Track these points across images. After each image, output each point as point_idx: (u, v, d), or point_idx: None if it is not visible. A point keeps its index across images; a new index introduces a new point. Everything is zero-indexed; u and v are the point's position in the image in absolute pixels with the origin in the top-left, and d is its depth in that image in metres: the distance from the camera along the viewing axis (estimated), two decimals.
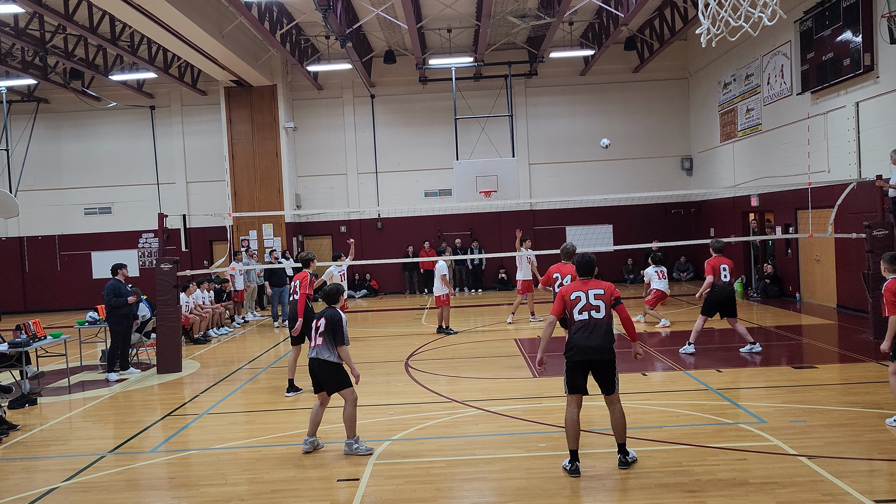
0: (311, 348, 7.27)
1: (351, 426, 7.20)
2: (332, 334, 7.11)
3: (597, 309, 6.44)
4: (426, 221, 23.97)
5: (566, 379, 6.52)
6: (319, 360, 7.18)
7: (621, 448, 6.50)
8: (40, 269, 24.70)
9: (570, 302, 6.52)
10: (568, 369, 6.50)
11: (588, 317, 6.44)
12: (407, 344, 13.74)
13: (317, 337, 7.18)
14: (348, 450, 7.19)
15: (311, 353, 7.24)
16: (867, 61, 13.86)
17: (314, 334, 7.22)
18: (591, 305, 6.44)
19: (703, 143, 23.28)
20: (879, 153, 13.78)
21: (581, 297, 6.49)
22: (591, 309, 6.44)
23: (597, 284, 6.58)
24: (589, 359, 6.43)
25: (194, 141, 24.73)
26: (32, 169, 24.08)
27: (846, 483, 5.83)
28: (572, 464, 6.38)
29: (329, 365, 7.16)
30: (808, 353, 11.68)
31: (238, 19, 18.13)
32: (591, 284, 6.58)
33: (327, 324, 7.13)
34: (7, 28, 17.10)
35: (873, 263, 12.05)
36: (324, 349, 7.14)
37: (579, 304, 6.48)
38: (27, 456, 7.77)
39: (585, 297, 6.49)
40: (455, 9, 19.16)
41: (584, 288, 6.54)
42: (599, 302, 6.45)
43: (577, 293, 6.51)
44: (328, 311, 7.26)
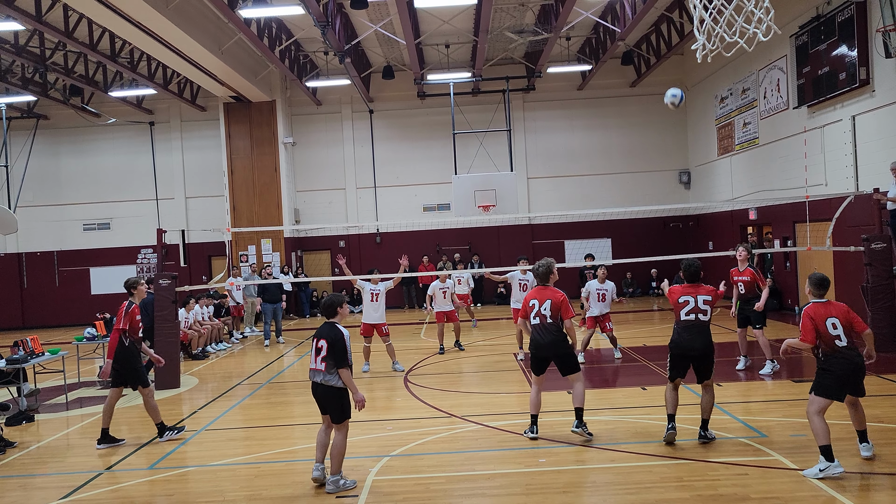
0: (311, 371, 6.65)
1: (338, 461, 6.60)
2: (334, 357, 6.47)
3: (704, 312, 7.43)
4: (425, 236, 23.98)
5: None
6: (324, 385, 6.55)
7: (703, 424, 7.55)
8: (39, 285, 24.67)
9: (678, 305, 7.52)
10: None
11: (695, 318, 7.42)
12: (406, 359, 13.69)
13: (318, 360, 6.53)
14: (332, 487, 6.52)
15: (312, 377, 6.64)
16: (863, 75, 13.95)
17: (314, 356, 6.59)
18: (700, 309, 7.43)
19: (701, 156, 23.36)
20: (876, 166, 13.83)
21: (689, 300, 7.48)
22: (698, 312, 7.43)
23: (706, 290, 7.53)
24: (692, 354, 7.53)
25: (193, 156, 24.80)
26: (31, 185, 24.11)
27: (847, 498, 5.81)
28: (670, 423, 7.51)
29: (334, 391, 6.53)
30: (808, 366, 11.62)
31: (237, 35, 18.25)
32: (699, 289, 7.52)
33: (328, 347, 6.47)
34: (7, 45, 17.19)
35: (872, 276, 12.07)
36: (328, 374, 6.51)
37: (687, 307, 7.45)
38: (24, 473, 7.72)
39: (694, 300, 7.46)
40: (453, 24, 19.29)
41: (693, 293, 7.49)
42: (707, 307, 7.45)
43: (686, 297, 7.48)
44: (328, 331, 6.56)
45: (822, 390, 6.47)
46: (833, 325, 6.45)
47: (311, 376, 6.67)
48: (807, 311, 6.58)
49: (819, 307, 6.57)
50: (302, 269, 23.90)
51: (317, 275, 24.18)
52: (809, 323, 6.50)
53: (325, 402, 6.62)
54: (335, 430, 6.62)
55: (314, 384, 6.65)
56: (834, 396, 6.45)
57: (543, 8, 18.82)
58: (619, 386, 10.46)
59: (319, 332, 6.64)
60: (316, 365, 6.57)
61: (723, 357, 12.80)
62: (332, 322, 6.67)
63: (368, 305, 12.43)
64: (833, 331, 6.44)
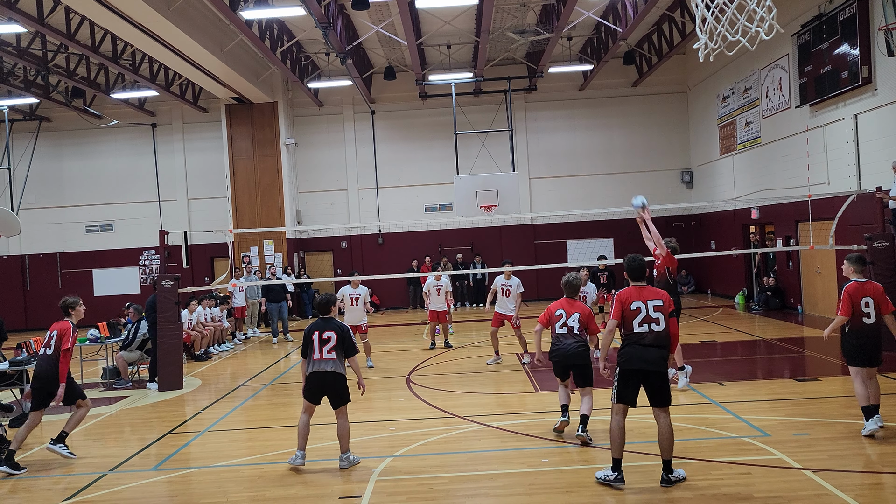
0: (316, 362, 7.11)
1: (347, 440, 7.26)
2: (344, 347, 7.14)
3: (657, 321, 6.31)
4: (427, 236, 23.98)
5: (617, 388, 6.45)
6: (335, 373, 7.12)
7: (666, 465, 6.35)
8: (42, 287, 24.68)
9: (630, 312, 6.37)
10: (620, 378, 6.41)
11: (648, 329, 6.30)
12: (409, 359, 13.70)
13: (325, 351, 7.08)
14: (346, 464, 7.19)
15: (319, 367, 7.11)
16: (865, 74, 13.93)
17: (319, 347, 7.09)
18: (651, 317, 6.31)
19: (703, 156, 23.33)
20: (879, 165, 13.81)
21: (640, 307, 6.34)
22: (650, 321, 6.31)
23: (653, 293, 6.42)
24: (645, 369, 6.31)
25: (195, 158, 24.82)
26: (34, 187, 24.13)
27: (851, 496, 5.79)
28: (616, 472, 6.28)
29: (341, 379, 7.17)
30: (811, 365, 11.65)
31: (239, 37, 18.26)
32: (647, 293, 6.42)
33: (339, 338, 7.11)
34: (9, 47, 17.21)
35: (875, 275, 12.04)
36: (337, 363, 7.13)
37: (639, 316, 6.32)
38: (28, 475, 7.73)
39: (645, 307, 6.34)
40: (454, 25, 19.29)
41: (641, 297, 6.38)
42: (659, 314, 6.32)
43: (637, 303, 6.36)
44: (334, 324, 7.22)
45: (851, 360, 7.49)
46: (866, 304, 7.42)
47: (319, 366, 7.11)
48: (847, 289, 7.48)
49: (858, 287, 7.47)
50: (304, 269, 23.91)
51: (319, 276, 24.18)
52: (849, 300, 7.42)
53: (331, 388, 7.16)
54: (339, 415, 7.22)
55: (322, 373, 7.11)
56: (859, 363, 7.41)
57: (545, 8, 18.82)
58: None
59: (322, 326, 7.21)
60: (324, 356, 7.08)
61: (724, 357, 12.82)
62: (329, 317, 7.33)
63: (349, 309, 12.88)
64: (865, 308, 7.41)
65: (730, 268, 21.38)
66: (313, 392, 7.25)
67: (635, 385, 6.34)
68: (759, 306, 18.78)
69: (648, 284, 6.55)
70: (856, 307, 7.43)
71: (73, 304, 8.39)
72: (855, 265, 7.65)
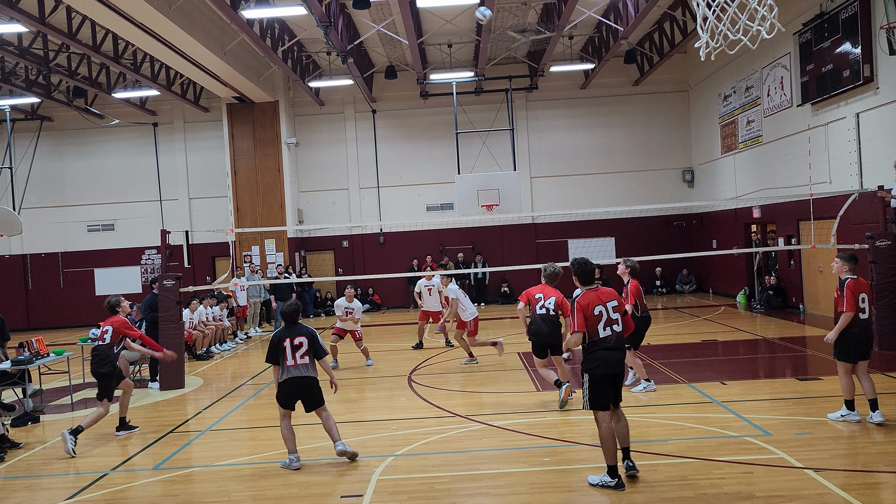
0: (290, 368, 7.26)
1: (336, 429, 7.48)
2: (315, 350, 7.33)
3: (616, 322, 6.35)
4: (428, 236, 23.98)
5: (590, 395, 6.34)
6: (310, 377, 7.33)
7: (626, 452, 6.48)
8: (43, 287, 24.72)
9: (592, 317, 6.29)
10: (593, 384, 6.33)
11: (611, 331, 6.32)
12: (410, 358, 13.70)
13: (299, 356, 7.25)
14: (343, 447, 7.39)
15: (295, 373, 7.26)
16: (867, 72, 13.91)
17: (292, 353, 7.24)
18: (612, 319, 6.32)
19: (705, 155, 23.32)
20: (880, 164, 13.79)
21: (602, 311, 6.32)
22: (612, 323, 6.33)
23: (608, 294, 6.45)
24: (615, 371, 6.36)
25: (197, 157, 24.84)
26: (36, 186, 24.17)
27: (853, 496, 5.79)
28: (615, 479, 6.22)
29: (316, 382, 7.40)
30: (813, 364, 11.63)
31: (240, 36, 18.26)
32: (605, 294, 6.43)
33: (310, 342, 7.29)
34: (11, 47, 17.22)
35: (877, 274, 12.04)
36: (310, 367, 7.33)
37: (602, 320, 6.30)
38: (30, 474, 7.75)
39: (605, 310, 6.32)
40: (455, 24, 19.28)
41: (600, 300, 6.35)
42: (617, 315, 6.38)
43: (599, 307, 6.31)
44: (304, 329, 7.39)
45: (842, 356, 7.76)
46: (862, 300, 7.71)
47: (294, 372, 7.27)
48: (849, 285, 7.70)
49: (857, 283, 7.72)
50: (305, 269, 23.92)
51: (320, 275, 24.19)
52: (852, 296, 7.64)
53: (308, 393, 7.37)
54: (321, 412, 7.45)
55: (298, 378, 7.28)
56: (851, 360, 7.73)
57: (546, 7, 18.81)
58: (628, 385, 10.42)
59: (292, 332, 7.34)
60: (298, 361, 7.27)
61: (726, 356, 12.80)
62: (297, 323, 7.49)
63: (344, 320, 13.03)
64: (861, 304, 7.69)
65: (731, 267, 21.37)
66: (290, 397, 7.37)
67: (608, 389, 6.33)
68: (760, 305, 18.77)
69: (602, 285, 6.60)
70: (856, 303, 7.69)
71: (117, 302, 9.37)
72: (848, 263, 7.90)
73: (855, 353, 7.77)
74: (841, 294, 7.80)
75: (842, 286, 7.83)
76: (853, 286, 7.73)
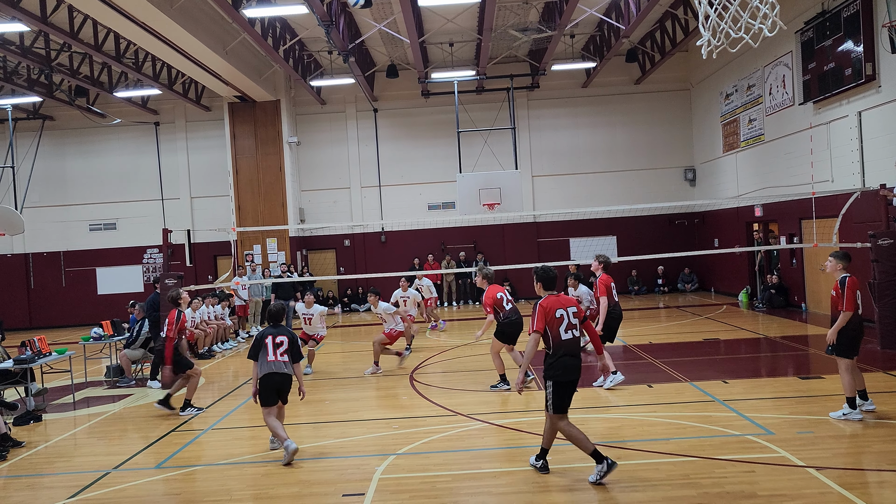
0: (270, 363, 7.55)
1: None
2: (293, 353, 7.65)
3: (576, 327, 6.51)
4: (430, 234, 23.98)
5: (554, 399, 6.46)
6: (286, 374, 7.64)
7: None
8: (45, 286, 24.76)
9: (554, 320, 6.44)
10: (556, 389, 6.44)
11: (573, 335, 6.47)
12: (412, 357, 13.70)
13: (279, 353, 7.57)
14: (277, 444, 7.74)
15: (274, 368, 7.57)
16: (869, 71, 13.89)
17: (273, 350, 7.55)
18: (573, 324, 6.49)
19: (706, 153, 23.29)
20: (882, 162, 13.78)
21: (564, 314, 6.47)
22: (572, 328, 6.49)
23: (568, 301, 6.61)
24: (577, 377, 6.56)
25: (198, 156, 24.85)
26: (37, 186, 24.19)
27: (855, 495, 5.78)
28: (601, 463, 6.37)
29: (290, 379, 7.75)
30: (815, 363, 11.61)
31: (241, 36, 18.26)
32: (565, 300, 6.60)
33: (291, 343, 7.65)
34: (13, 46, 17.23)
35: (879, 273, 12.02)
36: (289, 366, 7.65)
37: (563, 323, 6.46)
38: (32, 473, 7.76)
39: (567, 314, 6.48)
40: (457, 23, 19.27)
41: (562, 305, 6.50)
42: (577, 320, 6.55)
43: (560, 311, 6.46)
44: (286, 330, 7.75)
45: (843, 352, 7.83)
46: (859, 297, 7.82)
47: (274, 367, 7.57)
48: (850, 284, 7.81)
49: (853, 281, 7.83)
50: (307, 268, 23.93)
51: (322, 274, 24.20)
52: (853, 295, 7.77)
53: (285, 389, 7.70)
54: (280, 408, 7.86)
55: (277, 374, 7.59)
56: (852, 355, 7.81)
57: (547, 6, 18.79)
58: (625, 384, 10.43)
59: (275, 331, 7.67)
60: (278, 357, 7.58)
61: (728, 354, 12.79)
62: (281, 325, 7.80)
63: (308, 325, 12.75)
64: (858, 300, 7.82)
65: (733, 266, 21.35)
66: (269, 391, 7.63)
67: (570, 394, 6.53)
68: (762, 304, 18.76)
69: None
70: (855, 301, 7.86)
71: (178, 295, 10.04)
72: (842, 261, 8.01)
73: (855, 348, 7.90)
74: (841, 293, 7.86)
75: (842, 285, 7.88)
76: (852, 284, 7.84)
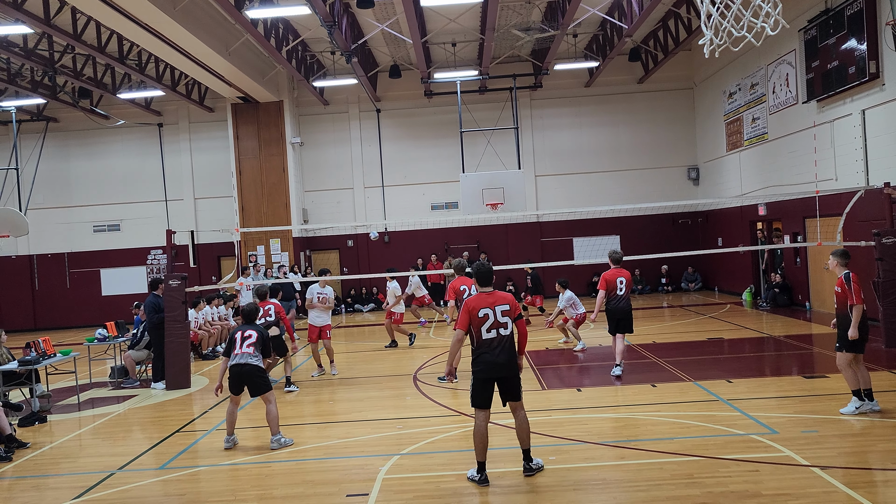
0: (236, 356, 8.03)
1: (276, 424, 8.08)
2: (263, 347, 8.12)
3: (504, 326, 6.51)
4: (433, 235, 23.99)
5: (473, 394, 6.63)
6: (251, 365, 8.03)
7: (526, 455, 6.68)
8: (50, 287, 24.82)
9: (477, 319, 6.50)
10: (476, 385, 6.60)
11: (496, 334, 6.51)
12: (415, 357, 13.71)
13: (245, 346, 8.04)
14: (276, 445, 8.01)
15: (238, 360, 8.02)
16: (872, 69, 13.85)
17: (240, 343, 8.04)
18: (500, 322, 6.51)
19: (710, 152, 23.26)
20: (887, 160, 13.74)
21: (489, 313, 6.50)
22: (499, 326, 6.50)
23: (502, 298, 6.60)
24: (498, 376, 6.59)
25: (202, 157, 24.89)
26: (42, 187, 24.27)
27: (860, 494, 5.77)
28: (481, 474, 6.53)
29: (259, 370, 8.10)
30: (819, 362, 11.59)
31: (244, 36, 18.28)
32: (495, 298, 6.60)
33: (259, 337, 8.11)
34: (16, 48, 17.28)
35: (883, 271, 11.99)
36: (253, 357, 8.04)
37: (487, 322, 6.49)
38: (37, 474, 7.78)
39: (493, 313, 6.50)
40: (459, 23, 19.27)
41: (490, 303, 6.54)
42: (506, 318, 6.53)
43: (485, 310, 6.50)
44: (255, 327, 8.26)
45: (853, 347, 7.90)
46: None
47: (239, 359, 8.03)
48: (855, 277, 7.95)
49: (857, 276, 7.94)
50: (311, 268, 23.96)
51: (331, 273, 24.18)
52: (860, 288, 7.88)
53: (251, 379, 8.06)
54: (266, 401, 8.12)
55: (240, 366, 8.03)
56: (861, 350, 7.94)
57: (550, 5, 18.78)
58: (629, 383, 10.43)
59: (244, 328, 8.20)
60: (243, 349, 8.04)
61: (732, 354, 12.77)
62: (253, 322, 8.38)
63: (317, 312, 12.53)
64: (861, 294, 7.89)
65: (737, 264, 21.31)
66: (234, 383, 8.11)
67: (490, 389, 6.60)
68: (766, 303, 18.72)
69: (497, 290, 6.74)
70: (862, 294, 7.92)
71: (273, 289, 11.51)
72: (841, 259, 8.16)
73: (864, 342, 7.97)
74: (848, 288, 7.94)
75: (847, 280, 7.96)
76: (858, 279, 7.98)
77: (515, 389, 6.66)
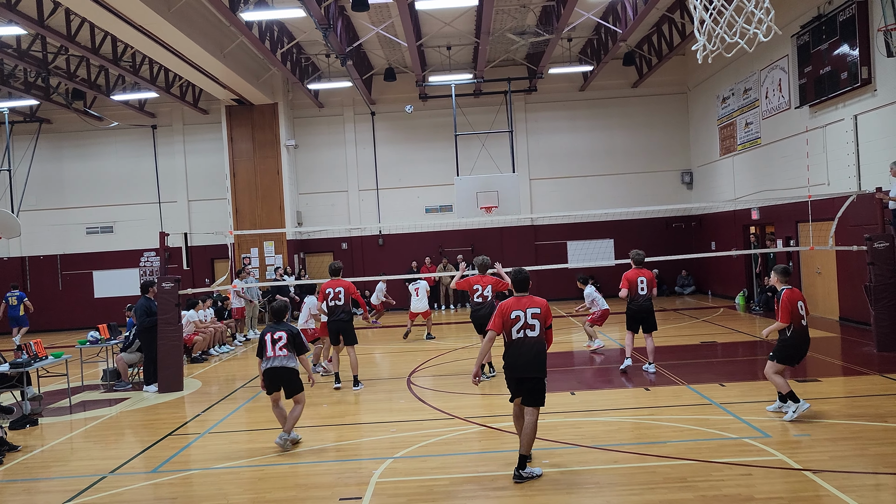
0: (269, 359, 8.02)
1: (293, 424, 8.13)
2: (295, 346, 8.09)
3: (532, 328, 6.65)
4: (427, 237, 23.99)
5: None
6: (286, 367, 8.04)
7: (521, 461, 6.66)
8: (42, 289, 24.68)
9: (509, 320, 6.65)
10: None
11: (524, 335, 6.64)
12: (409, 360, 13.70)
13: (278, 349, 8.01)
14: (280, 441, 8.04)
15: (272, 364, 8.02)
16: (864, 74, 13.93)
17: (271, 346, 8.01)
18: (528, 324, 6.65)
19: (703, 156, 23.34)
20: (879, 165, 13.81)
21: (520, 315, 6.66)
22: (527, 328, 6.65)
23: (535, 302, 6.74)
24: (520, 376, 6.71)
25: (196, 159, 24.84)
26: (34, 189, 24.17)
27: (852, 497, 5.79)
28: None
29: (294, 372, 8.12)
30: (811, 366, 11.62)
31: (239, 39, 18.27)
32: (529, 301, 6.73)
33: (290, 337, 8.07)
34: (10, 49, 17.23)
35: (875, 276, 12.06)
36: (289, 359, 8.06)
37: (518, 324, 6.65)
38: (28, 477, 7.74)
39: (524, 315, 6.66)
40: (454, 26, 19.30)
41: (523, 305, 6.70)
42: (535, 321, 6.66)
43: (517, 312, 6.66)
44: (285, 327, 8.18)
45: (782, 358, 8.17)
46: (801, 307, 8.09)
47: (272, 363, 8.03)
48: (786, 295, 8.09)
49: (792, 293, 8.13)
50: (305, 271, 23.92)
51: (320, 277, 24.14)
52: (788, 306, 8.02)
53: (285, 381, 8.09)
54: (296, 402, 8.18)
55: (275, 369, 8.03)
56: (791, 363, 8.26)
57: (544, 9, 18.83)
58: (623, 387, 10.45)
59: (274, 328, 8.15)
60: (276, 353, 8.02)
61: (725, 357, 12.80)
62: (282, 321, 8.28)
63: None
64: (800, 311, 8.07)
65: (730, 268, 21.38)
66: (270, 385, 8.13)
67: (518, 387, 6.77)
68: (759, 307, 18.77)
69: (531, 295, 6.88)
70: (794, 311, 8.05)
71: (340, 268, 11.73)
72: (780, 276, 8.36)
73: (792, 356, 8.19)
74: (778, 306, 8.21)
75: (778, 297, 8.24)
76: (788, 296, 8.10)
77: (536, 394, 6.69)
